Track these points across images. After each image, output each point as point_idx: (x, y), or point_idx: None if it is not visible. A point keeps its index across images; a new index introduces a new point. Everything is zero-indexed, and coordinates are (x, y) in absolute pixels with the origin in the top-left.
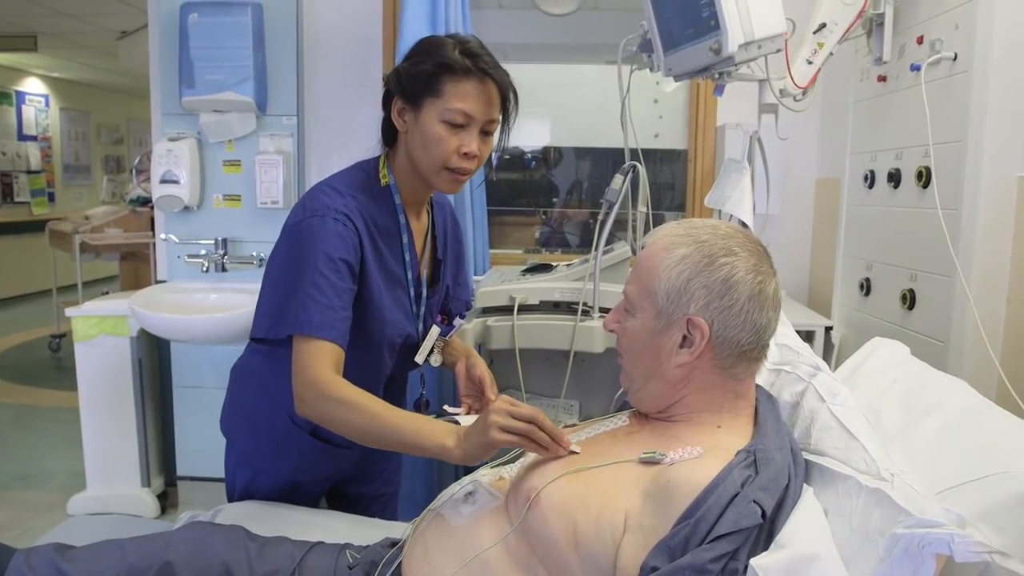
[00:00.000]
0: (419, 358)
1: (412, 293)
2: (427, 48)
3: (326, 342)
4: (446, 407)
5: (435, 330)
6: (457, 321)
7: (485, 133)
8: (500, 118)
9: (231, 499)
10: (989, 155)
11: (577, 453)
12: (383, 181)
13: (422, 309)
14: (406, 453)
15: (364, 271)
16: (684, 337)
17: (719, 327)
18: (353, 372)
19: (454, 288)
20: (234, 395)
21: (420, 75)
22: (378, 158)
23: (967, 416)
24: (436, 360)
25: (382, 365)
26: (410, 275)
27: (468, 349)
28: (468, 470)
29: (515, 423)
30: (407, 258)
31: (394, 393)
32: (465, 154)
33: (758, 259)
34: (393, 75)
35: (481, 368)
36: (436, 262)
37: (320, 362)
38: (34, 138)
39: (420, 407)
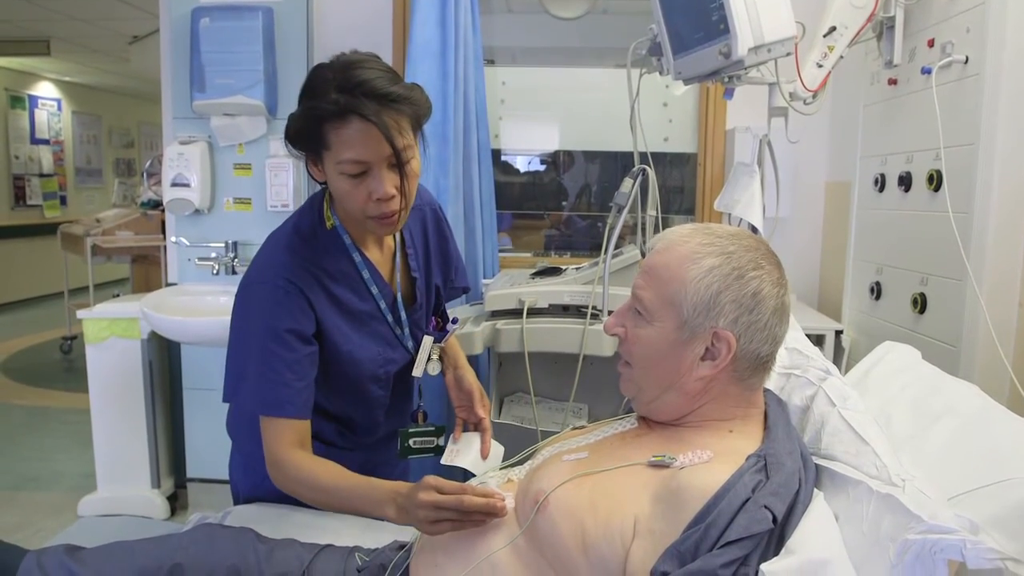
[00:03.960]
0: (417, 372)
1: (391, 319)
2: (305, 93)
3: (283, 419)
4: (442, 461)
5: (428, 340)
6: (450, 326)
7: (399, 164)
8: (412, 140)
9: (236, 503)
10: (1001, 158)
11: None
12: (328, 224)
13: (406, 329)
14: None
15: (321, 326)
16: (707, 349)
17: (744, 341)
18: (347, 408)
19: (445, 284)
20: None
21: (303, 130)
22: (324, 196)
23: (979, 421)
24: (434, 368)
25: (372, 398)
26: (383, 304)
27: (456, 358)
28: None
29: (444, 512)
30: (374, 291)
31: (400, 412)
32: (379, 200)
33: (779, 271)
34: (285, 134)
35: (469, 379)
36: (413, 279)
37: (280, 440)
38: (47, 142)
39: (417, 419)
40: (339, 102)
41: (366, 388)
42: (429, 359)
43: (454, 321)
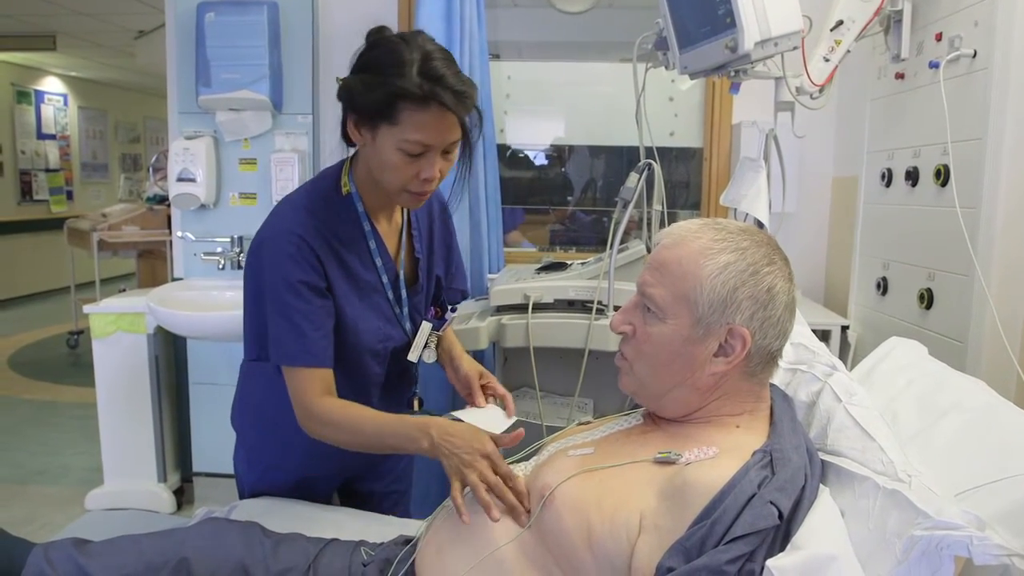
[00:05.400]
0: (412, 356)
1: (391, 296)
2: (384, 64)
3: (307, 369)
4: (455, 414)
5: (426, 325)
6: (449, 315)
7: (446, 152)
8: (461, 136)
9: (242, 496)
10: (1008, 153)
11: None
12: (344, 190)
13: (405, 309)
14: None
15: (330, 288)
16: (720, 346)
17: (759, 337)
18: (342, 382)
19: (447, 279)
20: (243, 391)
21: (375, 100)
22: (342, 163)
23: (985, 417)
24: (430, 356)
25: (369, 372)
26: (385, 279)
27: (451, 350)
28: None
29: (488, 474)
30: (378, 263)
31: (395, 396)
32: (424, 179)
33: (788, 267)
34: (344, 92)
35: (465, 367)
36: (416, 260)
37: (306, 389)
38: (53, 137)
39: (412, 405)
40: (423, 87)
41: (364, 361)
42: (426, 346)
43: (453, 310)
